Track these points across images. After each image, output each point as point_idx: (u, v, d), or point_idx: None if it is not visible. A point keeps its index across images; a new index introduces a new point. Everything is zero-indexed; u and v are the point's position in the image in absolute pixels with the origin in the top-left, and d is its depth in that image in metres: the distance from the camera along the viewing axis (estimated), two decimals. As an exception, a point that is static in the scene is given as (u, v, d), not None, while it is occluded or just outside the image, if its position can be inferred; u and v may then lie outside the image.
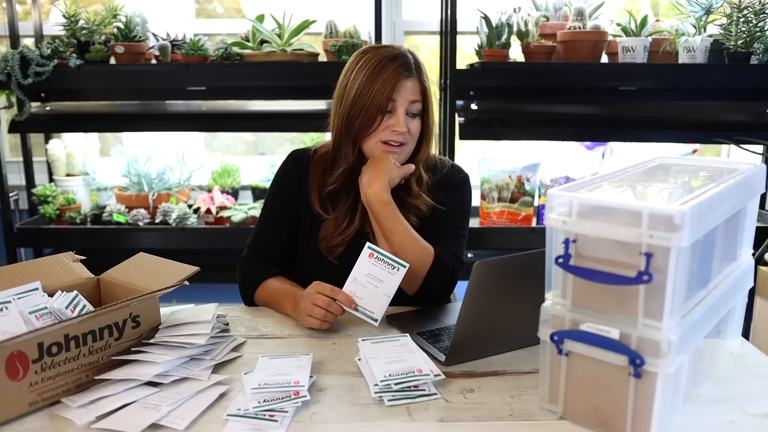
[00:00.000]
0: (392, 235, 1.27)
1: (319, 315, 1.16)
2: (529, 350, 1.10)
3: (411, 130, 1.31)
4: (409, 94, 1.29)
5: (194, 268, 1.10)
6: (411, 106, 1.30)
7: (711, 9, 2.16)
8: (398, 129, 1.28)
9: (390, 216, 1.27)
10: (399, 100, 1.28)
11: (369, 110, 1.27)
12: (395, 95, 1.27)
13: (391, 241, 1.27)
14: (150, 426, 0.85)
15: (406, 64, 1.29)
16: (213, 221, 2.39)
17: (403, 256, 1.25)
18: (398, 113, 1.28)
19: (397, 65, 1.28)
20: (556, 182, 2.39)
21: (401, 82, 1.27)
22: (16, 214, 2.43)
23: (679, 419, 0.88)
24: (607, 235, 0.79)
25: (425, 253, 1.28)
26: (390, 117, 1.29)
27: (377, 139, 1.30)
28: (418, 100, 1.30)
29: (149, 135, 2.74)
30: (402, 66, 1.28)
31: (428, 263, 1.28)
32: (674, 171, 1.06)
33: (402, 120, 1.28)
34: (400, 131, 1.28)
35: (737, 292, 1.01)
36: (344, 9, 2.63)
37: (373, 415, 0.90)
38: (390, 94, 1.27)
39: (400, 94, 1.28)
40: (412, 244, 1.27)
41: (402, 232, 1.27)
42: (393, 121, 1.29)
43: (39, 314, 0.99)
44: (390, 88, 1.26)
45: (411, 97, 1.29)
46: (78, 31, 2.24)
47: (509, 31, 2.17)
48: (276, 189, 1.44)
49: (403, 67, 1.28)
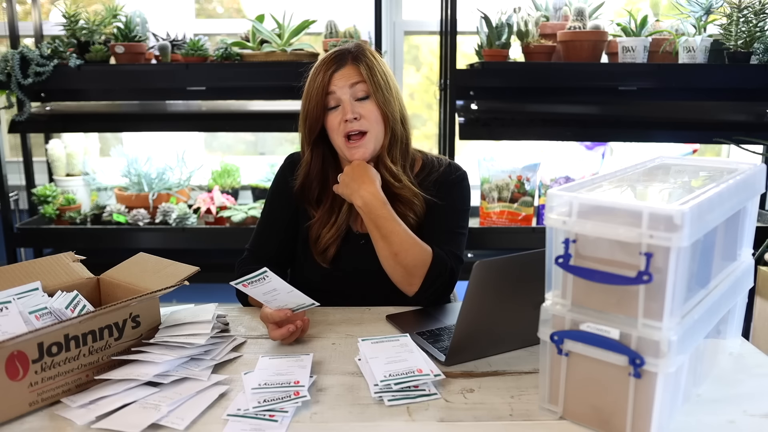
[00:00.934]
0: (392, 236, 1.26)
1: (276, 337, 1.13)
2: (529, 350, 1.10)
3: (363, 113, 1.30)
4: (345, 81, 1.29)
5: (194, 268, 1.10)
6: (354, 90, 1.30)
7: (711, 9, 2.16)
8: (347, 116, 1.28)
9: (389, 216, 1.27)
10: (337, 91, 1.29)
11: (313, 110, 1.31)
12: (330, 87, 1.29)
13: (391, 242, 1.27)
14: (150, 426, 0.85)
15: (338, 57, 1.31)
16: (213, 221, 2.39)
17: (404, 258, 1.25)
18: (343, 102, 1.29)
19: (329, 61, 1.31)
20: (556, 182, 2.39)
21: (334, 75, 1.29)
22: (16, 214, 2.43)
23: (679, 419, 0.88)
24: (607, 235, 0.79)
25: (424, 253, 1.28)
26: (337, 111, 1.30)
27: (339, 137, 1.31)
28: (359, 81, 1.30)
29: (149, 135, 2.73)
30: (333, 60, 1.31)
31: (427, 263, 1.27)
32: (674, 171, 1.06)
33: (348, 107, 1.29)
34: (350, 117, 1.28)
35: (737, 292, 1.01)
36: (344, 9, 2.63)
37: (373, 415, 0.90)
38: (325, 88, 1.29)
39: (335, 84, 1.29)
40: (411, 244, 1.27)
41: (401, 232, 1.27)
42: (341, 113, 1.29)
43: (39, 314, 0.99)
44: (323, 84, 1.29)
45: (349, 81, 1.29)
46: (78, 31, 2.24)
47: (509, 31, 2.17)
48: (274, 192, 1.45)
49: (333, 62, 1.30)
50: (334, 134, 1.31)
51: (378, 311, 1.30)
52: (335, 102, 1.30)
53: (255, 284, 1.08)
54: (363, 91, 1.30)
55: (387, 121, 1.33)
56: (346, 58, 1.31)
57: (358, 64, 1.30)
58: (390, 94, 1.33)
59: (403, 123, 1.37)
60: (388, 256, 1.27)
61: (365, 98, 1.31)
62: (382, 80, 1.32)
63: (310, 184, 1.38)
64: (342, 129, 1.30)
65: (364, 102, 1.31)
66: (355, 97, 1.30)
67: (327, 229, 1.36)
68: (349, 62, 1.30)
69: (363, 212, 1.28)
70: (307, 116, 1.32)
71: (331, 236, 1.35)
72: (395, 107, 1.34)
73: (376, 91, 1.31)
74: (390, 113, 1.32)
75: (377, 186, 1.28)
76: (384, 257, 1.28)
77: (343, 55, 1.31)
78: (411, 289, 1.30)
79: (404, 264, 1.26)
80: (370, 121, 1.31)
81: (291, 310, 1.13)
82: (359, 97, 1.30)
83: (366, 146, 1.31)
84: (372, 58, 1.33)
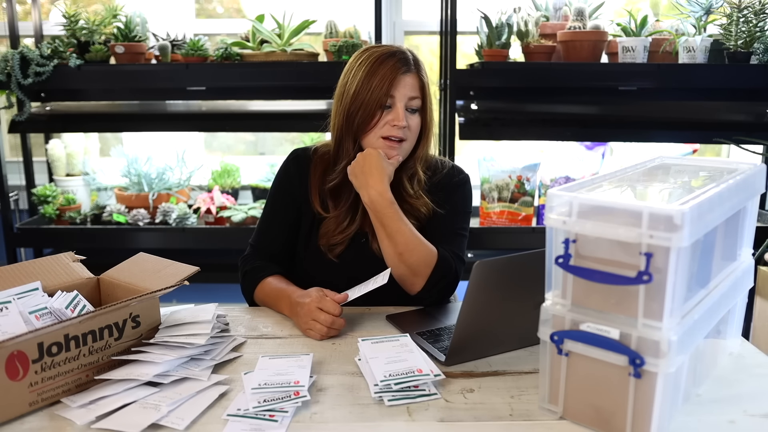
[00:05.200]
0: (397, 236, 1.26)
1: (321, 332, 1.15)
2: (529, 350, 1.10)
3: (410, 125, 1.31)
4: (408, 90, 1.29)
5: (194, 268, 1.10)
6: (410, 102, 1.30)
7: (711, 9, 2.16)
8: (398, 123, 1.28)
9: (395, 216, 1.27)
10: (398, 96, 1.28)
11: (368, 105, 1.28)
12: (393, 91, 1.28)
13: (396, 242, 1.26)
14: (150, 426, 0.85)
15: (404, 59, 1.29)
16: (213, 221, 2.39)
17: (408, 257, 1.25)
18: (397, 108, 1.28)
19: (395, 61, 1.28)
20: (556, 182, 2.39)
21: (399, 77, 1.28)
22: (16, 214, 2.43)
23: (679, 419, 0.88)
24: (607, 235, 0.79)
25: (429, 254, 1.28)
26: (389, 112, 1.29)
27: (377, 134, 1.30)
28: (417, 96, 1.30)
29: (149, 135, 2.73)
30: (400, 62, 1.29)
31: (432, 263, 1.27)
32: (674, 171, 1.06)
33: (401, 114, 1.28)
34: (400, 125, 1.28)
35: (737, 292, 1.01)
36: (344, 9, 2.63)
37: (373, 415, 0.90)
38: (388, 90, 1.27)
39: (398, 89, 1.28)
40: (417, 244, 1.27)
41: (407, 232, 1.27)
42: (392, 116, 1.29)
43: (39, 314, 0.99)
44: (388, 84, 1.27)
45: (410, 93, 1.29)
46: (78, 31, 2.24)
47: (509, 31, 2.17)
48: (277, 188, 1.44)
49: (401, 63, 1.29)
50: (376, 131, 1.30)
51: (378, 311, 1.30)
52: (390, 103, 1.29)
53: None
54: (416, 106, 1.31)
55: (427, 136, 1.36)
56: (411, 65, 1.30)
57: (420, 75, 1.31)
58: (432, 111, 1.36)
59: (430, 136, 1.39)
60: (393, 254, 1.27)
61: (415, 111, 1.32)
62: (430, 98, 1.34)
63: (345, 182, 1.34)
64: (385, 130, 1.29)
65: (414, 114, 1.32)
66: (409, 107, 1.30)
67: (341, 229, 1.35)
68: (414, 71, 1.30)
69: (370, 209, 1.29)
70: (361, 108, 1.29)
71: (344, 237, 1.35)
72: (432, 124, 1.37)
73: (427, 109, 1.33)
74: (429, 129, 1.35)
75: (386, 183, 1.27)
76: (388, 255, 1.28)
77: (407, 60, 1.30)
78: (414, 288, 1.29)
79: (408, 263, 1.26)
80: (413, 132, 1.32)
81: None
82: (412, 108, 1.31)
83: (399, 152, 1.32)
84: (425, 71, 1.34)
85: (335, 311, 1.15)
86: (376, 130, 1.30)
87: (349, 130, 1.32)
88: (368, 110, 1.28)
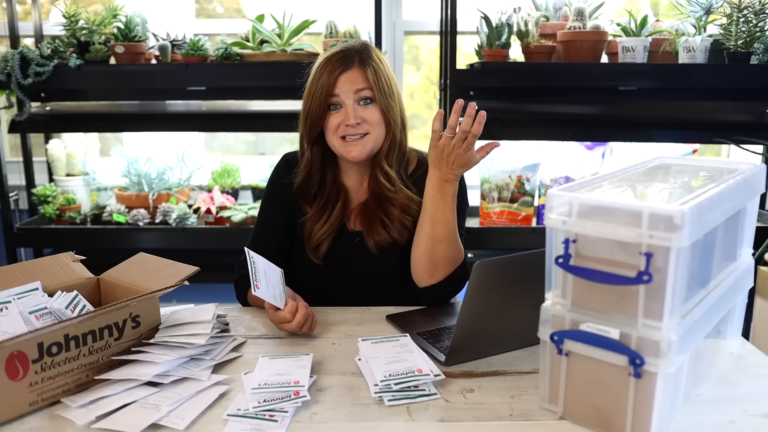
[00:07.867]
0: (443, 224, 1.24)
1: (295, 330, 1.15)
2: (529, 350, 1.10)
3: (366, 117, 1.30)
4: (351, 84, 1.29)
5: (194, 268, 1.10)
6: (359, 94, 1.30)
7: (711, 9, 2.16)
8: (349, 122, 1.28)
9: (451, 206, 1.24)
10: (342, 95, 1.29)
11: (313, 110, 1.30)
12: (335, 90, 1.29)
13: (438, 229, 1.24)
14: (150, 426, 0.85)
15: (345, 58, 1.30)
16: (213, 221, 2.39)
17: (442, 248, 1.25)
18: (346, 106, 1.29)
19: (335, 61, 1.29)
20: (556, 182, 2.39)
21: (338, 78, 1.28)
22: (16, 214, 2.43)
23: (679, 419, 0.88)
24: (607, 235, 0.79)
25: (459, 253, 1.29)
26: (339, 113, 1.30)
27: (335, 136, 1.31)
28: (364, 87, 1.29)
29: (149, 135, 2.73)
30: (340, 61, 1.29)
31: (457, 263, 1.28)
32: (674, 171, 1.06)
33: (351, 113, 1.28)
34: (351, 123, 1.28)
35: (737, 292, 1.01)
36: (344, 9, 2.63)
37: (373, 415, 0.90)
38: (330, 90, 1.28)
39: (340, 87, 1.28)
40: (455, 240, 1.27)
41: (452, 224, 1.26)
42: (343, 116, 1.29)
43: (39, 314, 0.99)
44: (326, 88, 1.28)
45: (355, 87, 1.29)
46: (78, 31, 2.24)
47: (509, 31, 2.17)
48: (270, 192, 1.45)
49: (340, 62, 1.29)
50: (331, 134, 1.32)
51: (378, 311, 1.30)
52: (337, 102, 1.30)
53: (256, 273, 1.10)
54: (368, 96, 1.30)
55: (388, 126, 1.33)
56: (353, 60, 1.30)
57: (365, 67, 1.30)
58: (393, 100, 1.33)
59: (402, 127, 1.37)
60: (429, 239, 1.25)
61: (369, 102, 1.31)
62: (386, 86, 1.32)
63: (309, 182, 1.38)
64: (340, 131, 1.30)
65: (368, 106, 1.31)
66: (360, 99, 1.30)
67: (320, 225, 1.36)
68: (356, 65, 1.30)
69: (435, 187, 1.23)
70: (309, 115, 1.32)
71: (324, 232, 1.35)
72: (397, 112, 1.34)
73: (381, 97, 1.31)
74: (392, 119, 1.33)
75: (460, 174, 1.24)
76: (422, 239, 1.26)
77: (350, 56, 1.30)
78: (427, 280, 1.28)
79: (440, 254, 1.26)
80: (372, 124, 1.31)
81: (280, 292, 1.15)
82: (364, 99, 1.30)
83: (364, 145, 1.31)
84: (378, 61, 1.32)
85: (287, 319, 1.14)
86: (331, 132, 1.31)
87: (305, 133, 1.35)
88: (315, 115, 1.30)
